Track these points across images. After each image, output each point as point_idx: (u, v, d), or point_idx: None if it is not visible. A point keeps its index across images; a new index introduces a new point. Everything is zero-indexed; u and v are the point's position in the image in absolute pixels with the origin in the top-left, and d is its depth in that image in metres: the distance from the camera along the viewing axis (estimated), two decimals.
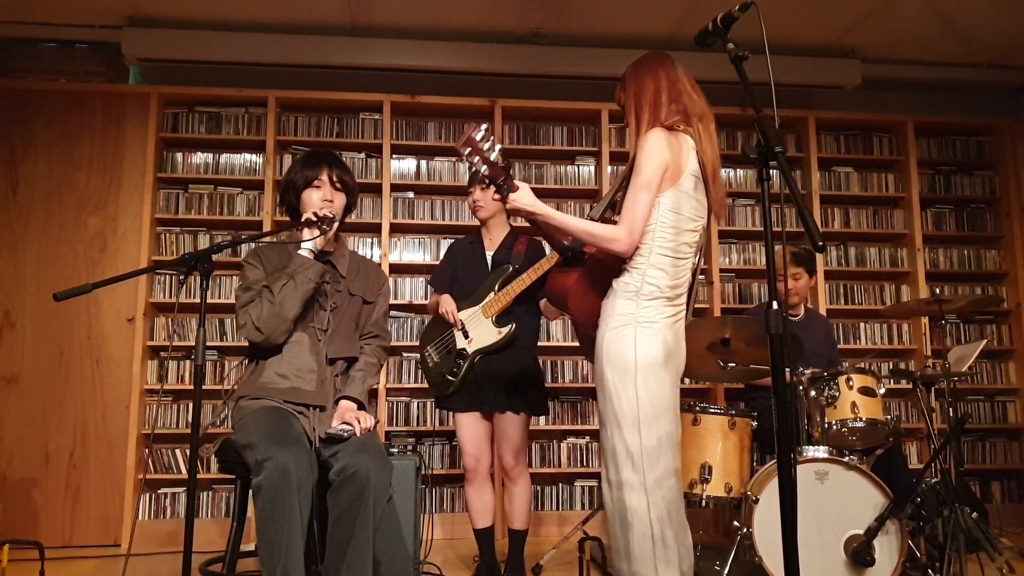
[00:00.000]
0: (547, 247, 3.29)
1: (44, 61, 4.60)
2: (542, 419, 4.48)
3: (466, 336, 3.12)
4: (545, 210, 2.16)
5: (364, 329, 2.70)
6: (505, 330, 3.09)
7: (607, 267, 2.24)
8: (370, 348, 2.68)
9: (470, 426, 3.16)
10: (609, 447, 2.14)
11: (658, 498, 2.08)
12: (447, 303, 3.15)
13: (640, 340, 2.11)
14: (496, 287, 3.13)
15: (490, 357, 3.10)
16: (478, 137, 2.07)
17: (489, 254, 3.26)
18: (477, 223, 3.36)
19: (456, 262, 3.31)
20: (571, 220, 2.16)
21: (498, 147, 2.12)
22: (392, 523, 2.40)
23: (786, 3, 4.35)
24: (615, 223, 2.17)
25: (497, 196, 2.17)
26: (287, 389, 2.47)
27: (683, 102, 2.22)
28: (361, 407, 2.54)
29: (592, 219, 2.20)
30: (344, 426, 2.41)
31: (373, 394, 4.37)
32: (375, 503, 2.26)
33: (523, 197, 2.16)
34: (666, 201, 2.15)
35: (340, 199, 2.64)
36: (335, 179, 2.63)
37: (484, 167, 2.07)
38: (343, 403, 2.52)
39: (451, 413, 3.25)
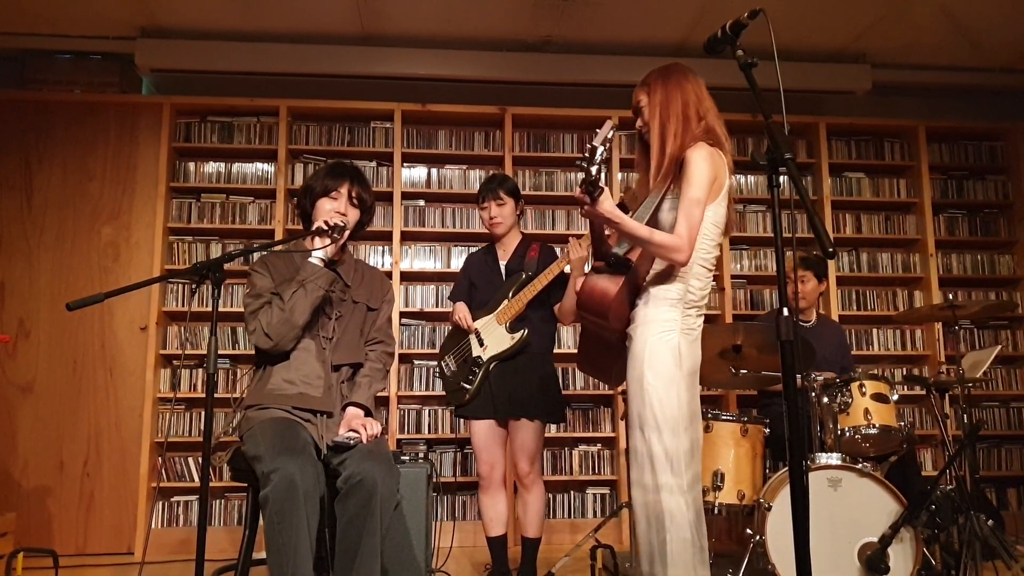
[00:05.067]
0: (559, 252, 3.30)
1: (59, 72, 4.65)
2: (553, 426, 4.48)
3: (481, 344, 3.14)
4: (623, 217, 2.14)
5: (369, 335, 2.70)
6: (517, 336, 3.10)
7: (641, 276, 2.29)
8: (375, 354, 2.68)
9: (485, 434, 3.16)
10: (645, 451, 2.15)
11: (691, 499, 2.14)
12: (460, 310, 3.19)
13: (683, 347, 2.19)
14: (510, 294, 3.15)
15: (506, 364, 3.12)
16: (611, 135, 2.02)
17: (503, 263, 3.29)
18: (488, 231, 3.36)
19: (472, 273, 3.34)
20: (641, 228, 2.15)
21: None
22: (401, 531, 2.39)
23: (796, 9, 4.35)
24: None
25: (586, 197, 2.08)
26: (295, 395, 2.48)
27: (710, 121, 2.26)
28: (368, 413, 2.54)
29: None
30: (351, 433, 2.41)
31: (384, 401, 4.38)
32: (382, 510, 2.26)
33: (608, 202, 2.11)
34: (709, 214, 2.21)
35: (354, 215, 2.65)
36: (354, 195, 2.64)
37: (596, 167, 2.00)
38: (350, 410, 2.52)
39: (464, 420, 3.26)
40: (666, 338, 2.18)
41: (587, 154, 1.99)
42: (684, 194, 2.16)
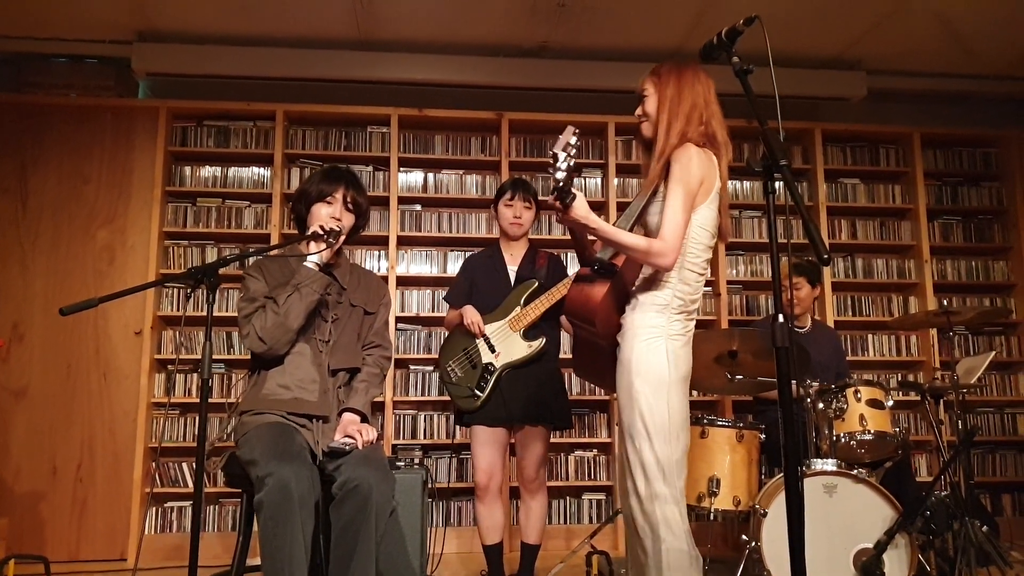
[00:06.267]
0: (566, 263, 3.28)
1: (55, 76, 4.64)
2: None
3: (492, 350, 3.09)
4: (598, 222, 2.10)
5: (366, 339, 2.70)
6: (535, 344, 3.07)
7: (628, 281, 2.25)
8: (372, 358, 2.68)
9: (488, 442, 3.11)
10: (637, 460, 2.11)
11: (684, 508, 2.12)
12: (471, 313, 3.10)
13: (671, 353, 2.14)
14: (522, 301, 3.11)
15: (516, 371, 3.09)
16: (573, 141, 2.00)
17: (512, 268, 3.23)
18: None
19: (475, 276, 3.27)
20: (620, 233, 2.12)
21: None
22: (396, 537, 2.39)
23: (791, 16, 4.37)
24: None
25: (558, 204, 2.06)
26: (289, 400, 2.47)
27: (713, 127, 2.22)
28: (364, 419, 2.54)
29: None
30: (346, 439, 2.41)
31: (379, 407, 4.37)
32: (377, 516, 2.25)
33: (581, 207, 2.08)
34: (698, 218, 2.17)
35: (349, 219, 2.65)
36: (348, 199, 2.64)
37: (564, 174, 1.98)
38: (346, 415, 2.52)
39: (463, 427, 3.21)
40: (654, 344, 2.14)
41: (551, 160, 1.97)
42: (668, 196, 2.12)
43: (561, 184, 2.00)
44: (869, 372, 4.82)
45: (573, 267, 3.14)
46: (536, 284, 3.13)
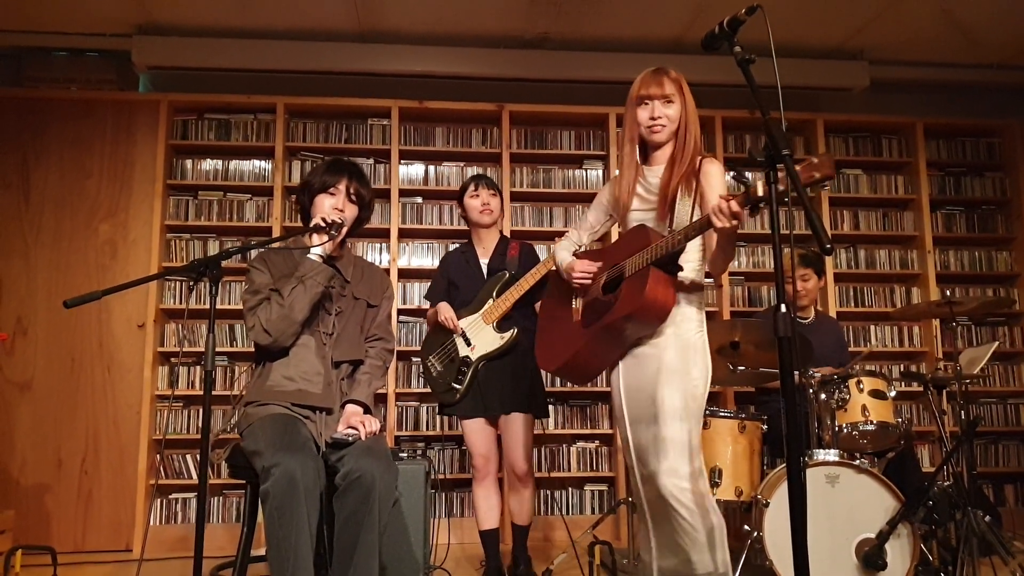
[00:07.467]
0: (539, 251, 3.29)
1: (56, 70, 4.64)
2: (551, 423, 4.48)
3: (468, 343, 3.14)
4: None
5: (369, 332, 2.71)
6: (507, 335, 3.11)
7: None
8: (375, 351, 2.69)
9: (477, 430, 3.18)
10: (686, 440, 2.21)
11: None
12: (445, 310, 3.18)
13: (708, 344, 2.35)
14: (495, 293, 3.15)
15: (492, 363, 3.13)
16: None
17: (484, 261, 3.28)
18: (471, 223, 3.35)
19: (451, 272, 3.33)
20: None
21: None
22: (400, 527, 2.40)
23: (793, 5, 4.35)
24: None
25: (744, 210, 1.98)
26: (294, 391, 2.48)
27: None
28: (367, 410, 2.54)
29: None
30: (349, 430, 2.42)
31: (382, 398, 4.38)
32: (380, 507, 2.26)
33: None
34: None
35: (352, 211, 2.65)
36: (352, 191, 2.64)
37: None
38: (349, 407, 2.53)
39: (457, 419, 3.26)
40: (703, 337, 2.32)
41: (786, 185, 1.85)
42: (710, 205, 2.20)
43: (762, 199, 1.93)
44: (872, 363, 4.81)
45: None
46: (507, 275, 3.17)
